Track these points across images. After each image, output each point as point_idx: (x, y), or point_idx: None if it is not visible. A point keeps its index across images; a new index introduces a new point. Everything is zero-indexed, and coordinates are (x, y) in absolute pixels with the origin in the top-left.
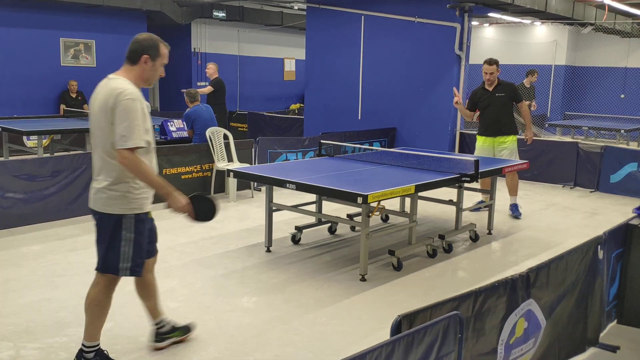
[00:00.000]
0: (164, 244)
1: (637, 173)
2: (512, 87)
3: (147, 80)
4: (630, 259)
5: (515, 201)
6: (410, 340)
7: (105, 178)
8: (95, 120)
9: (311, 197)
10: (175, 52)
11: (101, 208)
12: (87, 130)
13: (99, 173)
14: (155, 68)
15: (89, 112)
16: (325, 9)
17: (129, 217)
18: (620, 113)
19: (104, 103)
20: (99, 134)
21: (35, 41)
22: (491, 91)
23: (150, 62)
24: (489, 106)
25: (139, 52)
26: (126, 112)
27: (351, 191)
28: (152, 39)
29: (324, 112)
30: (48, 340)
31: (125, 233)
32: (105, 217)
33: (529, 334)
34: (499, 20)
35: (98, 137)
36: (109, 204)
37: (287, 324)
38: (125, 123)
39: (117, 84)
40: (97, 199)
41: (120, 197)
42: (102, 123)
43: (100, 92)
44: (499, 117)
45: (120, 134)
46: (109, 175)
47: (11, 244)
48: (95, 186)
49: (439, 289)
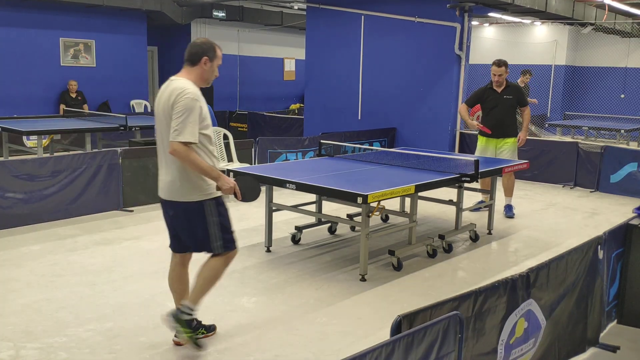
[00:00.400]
0: (164, 244)
1: (637, 173)
2: (520, 90)
3: (207, 80)
4: (630, 259)
5: (510, 202)
6: (410, 340)
7: (173, 171)
8: (160, 120)
9: (311, 197)
10: (175, 52)
11: (179, 198)
12: (87, 130)
13: (166, 167)
14: (213, 68)
15: (155, 112)
16: (325, 8)
17: (209, 202)
18: (620, 113)
19: (167, 102)
20: (165, 131)
21: (35, 41)
22: (499, 93)
23: (209, 63)
24: (495, 107)
25: (200, 54)
26: (184, 109)
27: (351, 191)
28: (210, 42)
29: (324, 112)
30: (48, 340)
31: (210, 217)
32: (185, 205)
33: (529, 334)
34: (499, 20)
35: (165, 134)
36: (185, 194)
37: (287, 324)
38: (181, 119)
39: (179, 84)
40: (173, 190)
41: (193, 186)
42: (167, 120)
43: (164, 93)
44: (504, 119)
45: (174, 128)
46: (175, 168)
47: (11, 244)
48: (165, 179)
49: (439, 289)
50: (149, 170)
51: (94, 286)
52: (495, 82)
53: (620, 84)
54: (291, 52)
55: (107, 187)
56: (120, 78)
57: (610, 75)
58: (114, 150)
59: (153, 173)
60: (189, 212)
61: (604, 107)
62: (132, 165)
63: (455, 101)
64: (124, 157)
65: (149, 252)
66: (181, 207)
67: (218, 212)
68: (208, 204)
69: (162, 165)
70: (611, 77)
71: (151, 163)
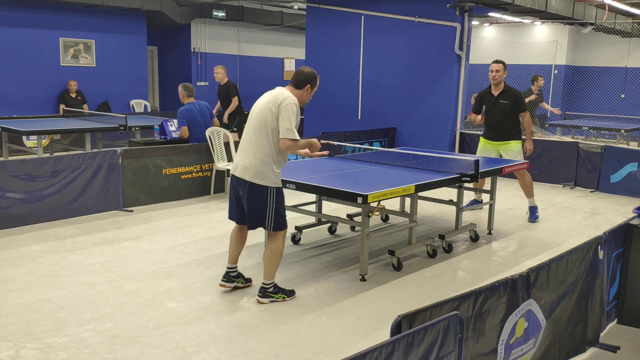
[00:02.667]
0: (164, 244)
1: (637, 173)
2: (517, 95)
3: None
4: (630, 259)
5: (532, 203)
6: (410, 340)
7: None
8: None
9: (311, 197)
10: (175, 52)
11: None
12: (87, 130)
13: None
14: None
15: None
16: (325, 8)
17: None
18: (620, 113)
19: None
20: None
21: (35, 41)
22: (496, 96)
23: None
24: (491, 111)
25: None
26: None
27: (351, 191)
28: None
29: (324, 112)
30: (48, 340)
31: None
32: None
33: (529, 334)
34: (499, 20)
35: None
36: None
37: (287, 324)
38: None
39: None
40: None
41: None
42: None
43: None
44: (500, 124)
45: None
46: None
47: (11, 244)
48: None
49: (439, 289)
50: (148, 170)
51: (94, 286)
52: (492, 79)
53: (620, 84)
54: (291, 52)
55: (106, 187)
56: (120, 78)
57: (610, 75)
58: (113, 150)
59: (153, 173)
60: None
61: (604, 107)
62: (132, 165)
63: (455, 101)
64: (123, 157)
65: (149, 252)
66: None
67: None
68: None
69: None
70: (611, 77)
71: (151, 163)
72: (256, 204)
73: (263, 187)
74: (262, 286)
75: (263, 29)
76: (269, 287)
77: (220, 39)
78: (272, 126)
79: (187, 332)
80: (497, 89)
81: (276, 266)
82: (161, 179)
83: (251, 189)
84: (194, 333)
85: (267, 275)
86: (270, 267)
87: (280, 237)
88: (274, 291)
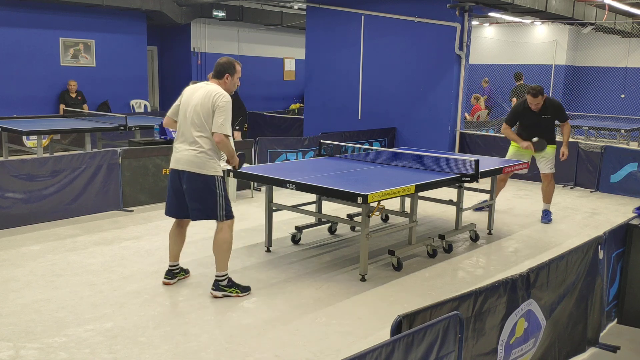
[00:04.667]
0: (164, 244)
1: (637, 173)
2: (558, 107)
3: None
4: (630, 259)
5: (547, 208)
6: (410, 340)
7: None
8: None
9: (311, 197)
10: (175, 52)
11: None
12: (87, 130)
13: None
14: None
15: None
16: (325, 8)
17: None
18: (620, 113)
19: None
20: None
21: (34, 41)
22: (537, 113)
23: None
24: (531, 126)
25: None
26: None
27: (351, 191)
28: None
29: (324, 112)
30: (48, 340)
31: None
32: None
33: (529, 334)
34: (499, 20)
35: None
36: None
37: (287, 324)
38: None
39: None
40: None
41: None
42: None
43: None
44: (542, 136)
45: (219, 123)
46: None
47: (11, 244)
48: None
49: (439, 289)
50: (148, 170)
51: (93, 286)
52: (534, 109)
53: (620, 84)
54: (291, 52)
55: (106, 187)
56: (120, 78)
57: (610, 75)
58: (113, 150)
59: (153, 173)
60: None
61: (604, 107)
62: (132, 165)
63: (455, 101)
64: (123, 157)
65: (148, 252)
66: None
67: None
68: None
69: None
70: (611, 77)
71: (151, 163)
72: (205, 195)
73: (210, 177)
74: (215, 279)
75: (263, 29)
76: (222, 280)
77: (220, 39)
78: (209, 120)
79: (187, 332)
80: (537, 107)
81: (227, 257)
82: (161, 179)
83: (198, 180)
84: (193, 333)
85: (219, 267)
86: (221, 259)
87: (227, 227)
88: (227, 285)
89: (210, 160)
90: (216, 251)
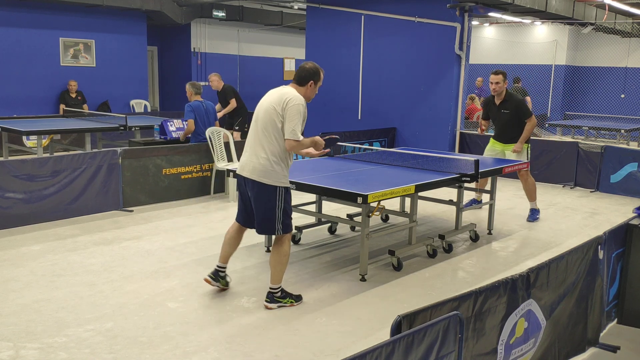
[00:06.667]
0: (164, 244)
1: (637, 173)
2: (518, 104)
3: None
4: (630, 259)
5: (534, 207)
6: (410, 340)
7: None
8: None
9: (311, 197)
10: (175, 52)
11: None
12: (87, 130)
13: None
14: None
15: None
16: (325, 8)
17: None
18: (620, 113)
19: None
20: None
21: (35, 41)
22: (497, 105)
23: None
24: (495, 119)
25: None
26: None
27: (351, 191)
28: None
29: (324, 112)
30: (48, 340)
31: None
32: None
33: (529, 334)
34: (499, 20)
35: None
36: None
37: (287, 324)
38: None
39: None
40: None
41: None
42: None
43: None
44: (504, 130)
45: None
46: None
47: (11, 244)
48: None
49: (439, 289)
50: (148, 170)
51: (93, 286)
52: (492, 91)
53: (620, 84)
54: (291, 52)
55: (107, 187)
56: (120, 78)
57: (610, 75)
58: (113, 150)
59: (153, 173)
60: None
61: (604, 107)
62: (132, 165)
63: (455, 101)
64: (123, 157)
65: (149, 252)
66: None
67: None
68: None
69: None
70: (611, 77)
71: (151, 163)
72: (266, 204)
73: (271, 186)
74: (269, 291)
75: (263, 29)
76: (277, 292)
77: (220, 39)
78: (278, 126)
79: (187, 332)
80: (498, 98)
81: (283, 270)
82: (161, 179)
83: (260, 188)
84: (193, 333)
85: (274, 279)
86: (277, 271)
87: (286, 240)
88: (281, 296)
89: (274, 169)
90: (274, 264)
